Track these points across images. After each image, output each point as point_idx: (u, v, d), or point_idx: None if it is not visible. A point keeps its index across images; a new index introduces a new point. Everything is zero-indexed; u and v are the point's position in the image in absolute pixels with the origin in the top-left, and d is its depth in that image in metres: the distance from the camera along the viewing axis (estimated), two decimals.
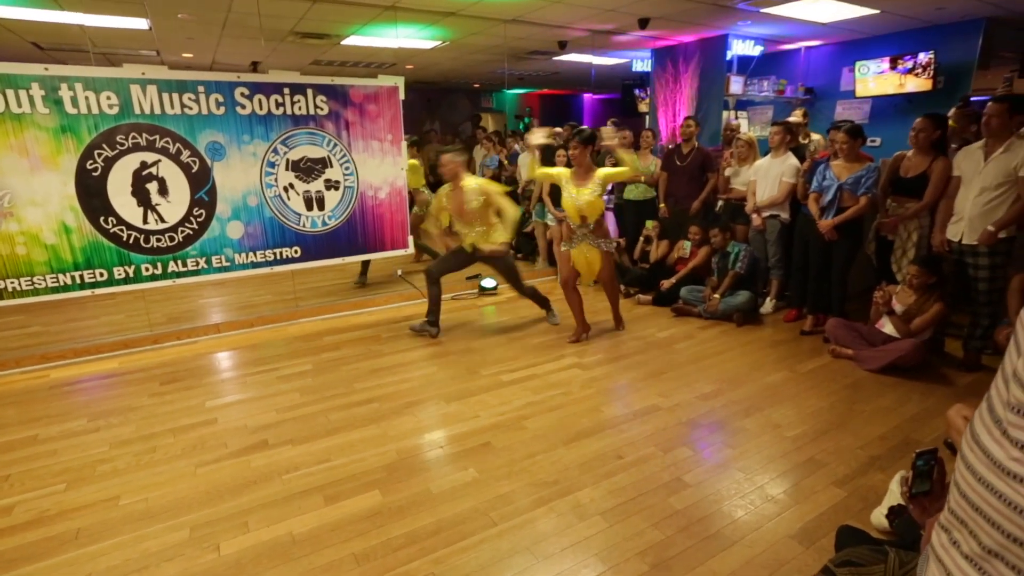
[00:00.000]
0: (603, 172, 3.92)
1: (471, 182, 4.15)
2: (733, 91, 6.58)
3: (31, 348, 4.11)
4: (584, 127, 4.17)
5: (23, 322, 4.63)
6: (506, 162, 7.53)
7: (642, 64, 8.03)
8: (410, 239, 4.98)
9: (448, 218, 4.31)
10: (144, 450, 2.82)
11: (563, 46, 6.94)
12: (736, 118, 6.69)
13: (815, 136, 5.28)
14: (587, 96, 14.81)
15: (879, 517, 2.15)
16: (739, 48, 6.62)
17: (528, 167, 4.13)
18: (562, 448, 2.75)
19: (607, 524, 2.21)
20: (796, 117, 5.40)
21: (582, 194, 3.87)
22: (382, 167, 4.74)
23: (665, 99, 7.34)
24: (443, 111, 12.54)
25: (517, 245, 6.80)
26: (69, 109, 3.70)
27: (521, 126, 11.11)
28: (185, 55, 7.58)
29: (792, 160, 4.42)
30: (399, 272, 5.20)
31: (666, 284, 4.95)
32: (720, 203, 5.15)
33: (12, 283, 3.74)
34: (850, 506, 2.29)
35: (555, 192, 5.50)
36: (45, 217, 3.75)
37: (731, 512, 2.27)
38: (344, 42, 6.70)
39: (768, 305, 4.73)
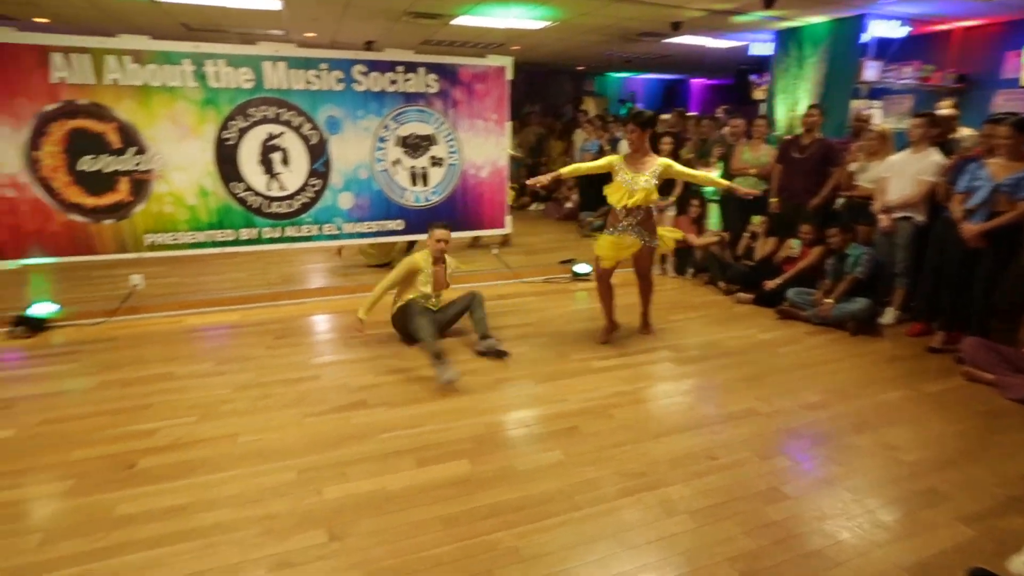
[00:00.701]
0: (665, 162, 3.64)
1: (452, 262, 3.93)
2: (867, 78, 5.98)
3: (170, 296, 4.62)
4: (644, 110, 3.82)
5: (164, 273, 5.20)
6: (607, 147, 7.38)
7: (761, 48, 7.50)
8: (507, 219, 5.03)
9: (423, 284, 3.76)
10: (259, 396, 3.09)
11: (677, 27, 6.63)
12: (868, 108, 6.08)
13: (966, 131, 4.70)
14: (695, 81, 14.14)
15: (1019, 566, 1.91)
16: (878, 29, 5.99)
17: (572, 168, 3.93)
18: (651, 441, 2.68)
19: (696, 524, 2.14)
20: (946, 108, 4.81)
21: (638, 180, 3.56)
22: (485, 146, 4.80)
23: (785, 86, 6.83)
24: (544, 93, 12.50)
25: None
26: (212, 83, 4.06)
27: (623, 110, 10.82)
28: (308, 35, 8.07)
29: (935, 156, 3.96)
30: (495, 251, 5.28)
31: (770, 284, 4.65)
32: (841, 200, 4.74)
33: (159, 238, 4.20)
34: (981, 548, 2.05)
35: None
36: (188, 181, 4.18)
37: (835, 532, 2.11)
38: (454, 22, 6.82)
39: (889, 315, 4.31)
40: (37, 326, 4.00)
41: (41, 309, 4.07)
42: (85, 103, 3.83)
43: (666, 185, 5.29)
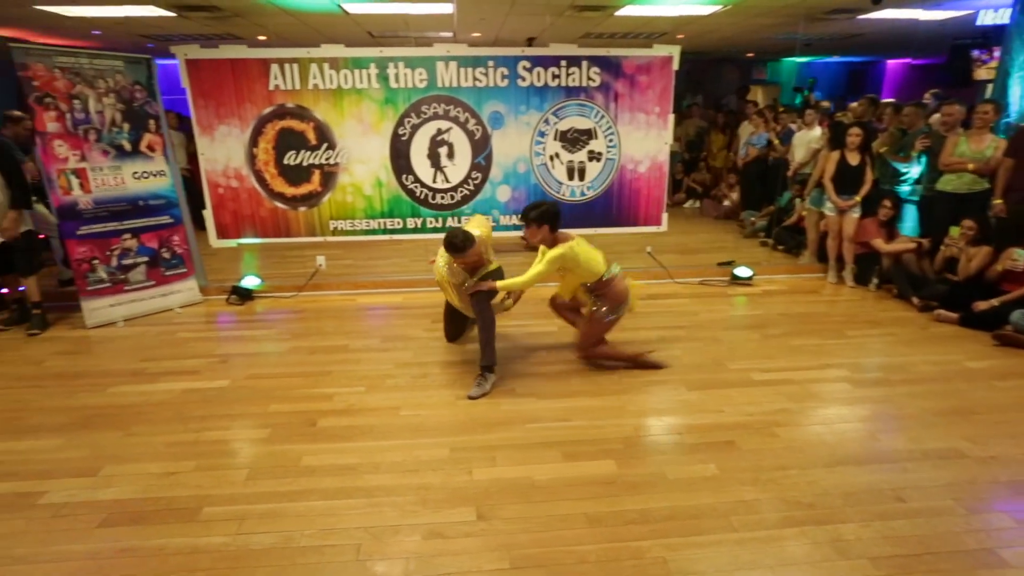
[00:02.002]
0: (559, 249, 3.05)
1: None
2: None
3: (345, 277, 5.16)
4: (540, 203, 3.12)
5: (341, 255, 5.83)
6: (777, 141, 6.74)
7: (993, 16, 6.23)
8: (664, 216, 4.83)
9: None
10: (418, 375, 3.33)
11: (878, 1, 5.80)
12: None
13: None
14: (891, 63, 12.34)
15: None
16: None
17: None
18: (822, 469, 2.39)
19: (879, 572, 1.86)
20: None
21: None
22: (646, 141, 4.65)
23: None
24: (706, 83, 11.77)
25: (777, 237, 6.09)
26: (392, 84, 4.44)
27: (798, 100, 9.80)
28: (474, 34, 8.47)
29: None
30: (649, 249, 5.10)
31: (983, 305, 3.89)
32: None
33: (340, 224, 4.72)
34: None
35: (840, 176, 4.74)
36: (367, 173, 4.62)
37: None
38: (619, 12, 6.68)
39: None
40: (246, 295, 4.72)
41: (250, 282, 4.80)
42: (292, 106, 4.42)
43: (852, 183, 4.69)
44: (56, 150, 3.94)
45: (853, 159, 4.69)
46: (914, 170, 5.00)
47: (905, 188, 5.11)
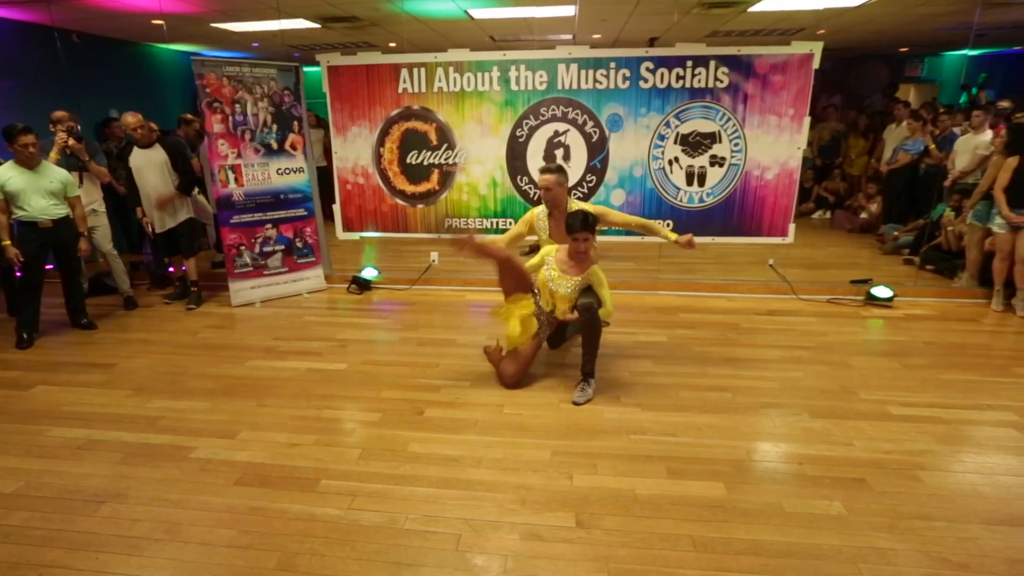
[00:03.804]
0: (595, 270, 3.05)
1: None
2: None
3: (455, 273, 5.33)
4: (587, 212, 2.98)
5: (451, 252, 6.04)
6: (933, 147, 5.98)
7: None
8: (791, 227, 4.46)
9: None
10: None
11: None
12: None
13: None
14: None
15: None
16: None
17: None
18: (979, 526, 2.07)
19: None
20: None
21: (563, 284, 3.07)
22: (776, 145, 4.32)
23: None
24: (849, 82, 10.70)
25: (924, 255, 5.39)
26: (512, 87, 4.51)
27: (963, 99, 8.63)
28: (595, 36, 8.39)
29: None
30: (771, 262, 4.75)
31: None
32: None
33: (455, 221, 4.88)
34: None
35: (1017, 186, 4.10)
36: (483, 173, 4.74)
37: None
38: (753, 8, 6.28)
39: None
40: (365, 286, 5.05)
41: (368, 273, 5.13)
42: (417, 108, 4.64)
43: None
44: (219, 148, 4.47)
45: None
46: None
47: None
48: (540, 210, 3.51)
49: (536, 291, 3.16)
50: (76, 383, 3.32)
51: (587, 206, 3.21)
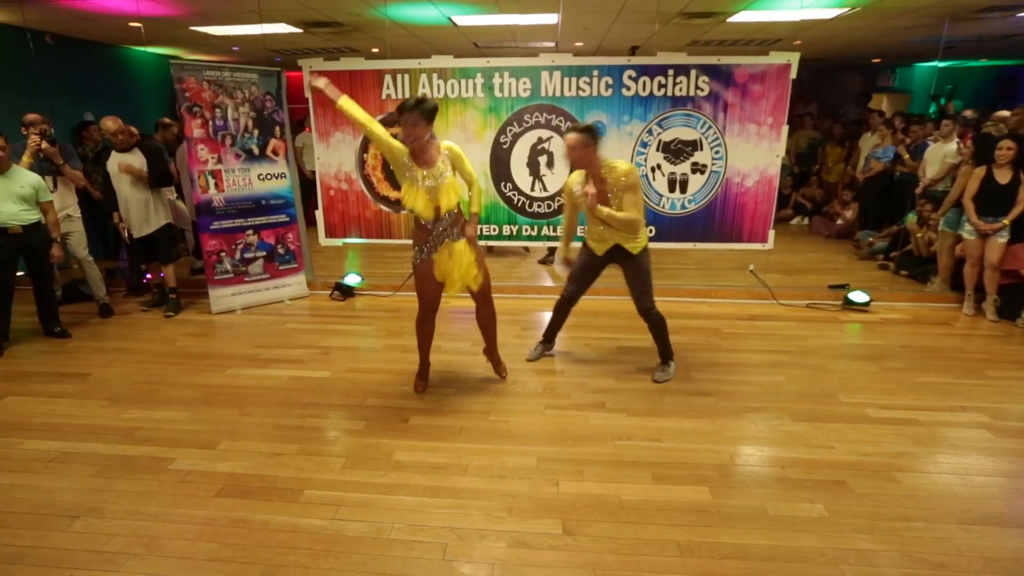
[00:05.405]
0: (448, 145, 2.95)
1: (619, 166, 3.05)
2: None
3: None
4: (424, 98, 2.92)
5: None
6: (907, 155, 6.14)
7: None
8: (771, 233, 4.54)
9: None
10: (509, 381, 3.34)
11: None
12: None
13: None
14: None
15: None
16: None
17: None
18: (956, 526, 2.12)
19: None
20: None
21: (429, 178, 2.87)
22: (755, 153, 4.40)
23: None
24: (821, 92, 10.95)
25: (898, 261, 5.55)
26: (496, 93, 4.52)
27: (932, 109, 8.89)
28: (577, 44, 8.47)
29: None
30: (751, 268, 4.82)
31: None
32: None
33: None
34: None
35: (985, 195, 4.23)
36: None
37: None
38: (731, 19, 6.40)
39: None
40: (348, 292, 5.00)
41: (352, 279, 5.08)
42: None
43: (1000, 203, 4.18)
44: (199, 153, 4.40)
45: (1003, 176, 4.17)
46: None
47: None
48: (572, 178, 3.24)
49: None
50: (49, 393, 3.23)
51: (621, 164, 3.01)
